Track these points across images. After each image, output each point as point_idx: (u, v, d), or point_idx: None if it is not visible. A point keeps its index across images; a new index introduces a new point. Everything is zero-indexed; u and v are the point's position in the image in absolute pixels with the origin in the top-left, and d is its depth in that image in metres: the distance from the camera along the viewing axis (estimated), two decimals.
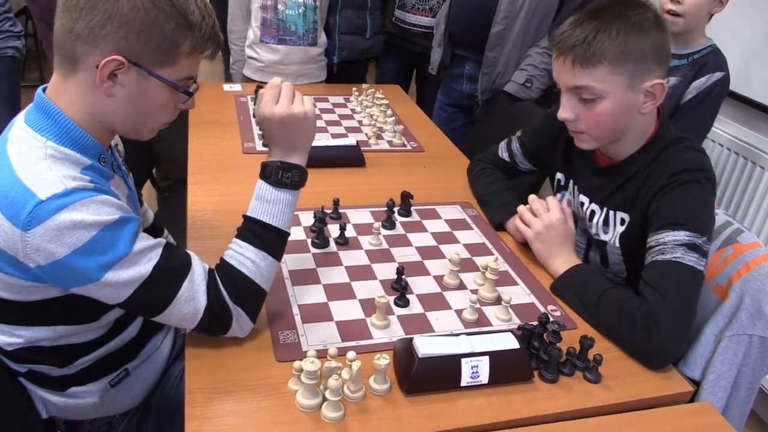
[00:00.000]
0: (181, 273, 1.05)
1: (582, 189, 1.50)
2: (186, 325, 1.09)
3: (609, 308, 1.24)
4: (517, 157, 1.72)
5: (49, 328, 1.09)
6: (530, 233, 1.45)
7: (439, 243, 1.54)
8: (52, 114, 1.03)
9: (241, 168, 1.83)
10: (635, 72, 1.25)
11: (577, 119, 1.33)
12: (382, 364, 1.04)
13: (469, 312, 1.27)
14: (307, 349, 1.12)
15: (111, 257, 0.97)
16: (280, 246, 1.16)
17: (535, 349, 1.16)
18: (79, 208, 0.94)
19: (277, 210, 1.14)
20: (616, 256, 1.44)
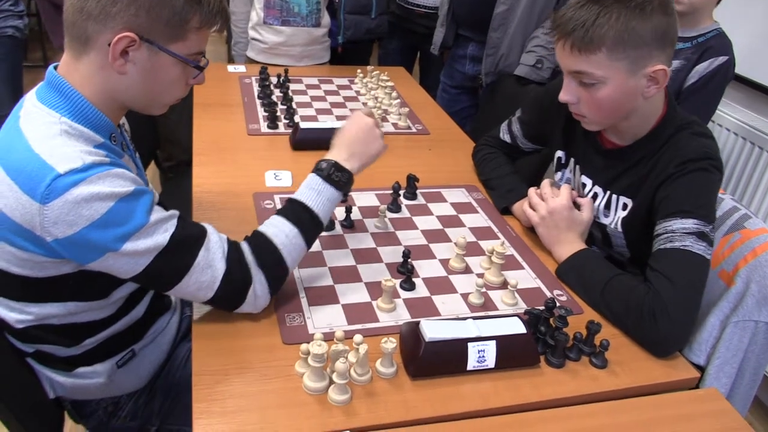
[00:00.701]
0: (197, 241, 1.06)
1: (585, 170, 1.48)
2: (203, 296, 1.08)
3: (615, 295, 1.24)
4: (518, 138, 1.71)
5: (60, 305, 1.09)
6: (535, 217, 1.45)
7: (444, 226, 1.53)
8: (65, 91, 1.03)
9: (246, 149, 1.82)
10: (635, 57, 1.23)
11: (578, 102, 1.32)
12: (389, 348, 1.04)
13: (475, 296, 1.27)
14: (314, 332, 1.12)
15: (128, 228, 0.98)
16: (313, 233, 1.19)
17: (542, 334, 1.16)
18: (95, 181, 0.95)
19: (320, 200, 1.20)
20: (618, 239, 1.43)
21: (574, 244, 1.39)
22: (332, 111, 2.15)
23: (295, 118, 2.03)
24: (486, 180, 1.72)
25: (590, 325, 1.15)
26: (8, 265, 1.03)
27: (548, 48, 2.33)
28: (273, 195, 1.58)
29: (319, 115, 2.10)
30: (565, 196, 1.42)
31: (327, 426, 0.97)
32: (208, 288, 1.07)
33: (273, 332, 1.13)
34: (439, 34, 2.60)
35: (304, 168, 1.73)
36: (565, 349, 1.15)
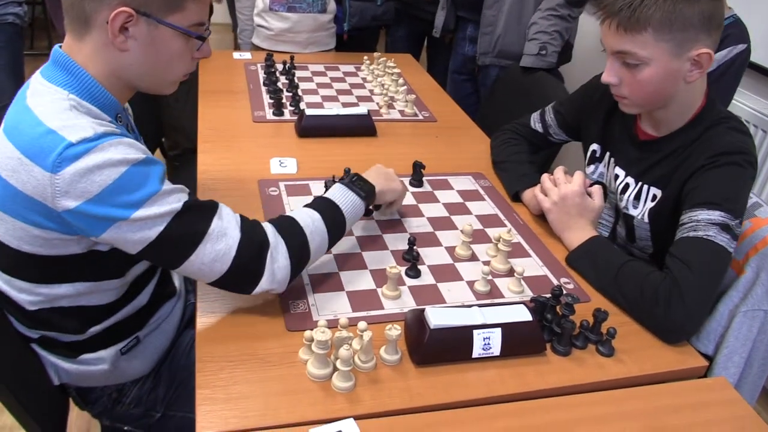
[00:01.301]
0: (210, 209, 1.05)
1: (619, 161, 1.48)
2: (219, 269, 1.04)
3: (629, 280, 1.23)
4: (551, 128, 1.70)
5: (70, 285, 1.09)
6: (546, 203, 1.44)
7: (451, 214, 1.53)
8: (71, 69, 1.03)
9: (252, 137, 1.82)
10: (681, 40, 1.22)
11: (620, 83, 1.31)
12: (394, 335, 1.04)
13: (481, 284, 1.26)
14: (318, 319, 1.12)
15: (141, 195, 0.96)
16: (336, 227, 1.20)
17: (548, 322, 1.15)
18: (107, 148, 0.95)
19: (344, 201, 1.23)
20: (643, 231, 1.43)
21: (585, 231, 1.38)
22: (338, 98, 2.14)
23: (301, 105, 2.02)
24: (500, 162, 1.72)
25: (597, 313, 1.15)
26: (20, 243, 1.02)
27: (549, 32, 2.31)
28: (278, 182, 1.57)
29: (324, 102, 2.10)
30: (577, 182, 1.41)
31: (330, 413, 0.97)
32: (225, 258, 1.03)
33: (277, 319, 1.13)
34: (440, 17, 2.60)
35: (309, 155, 1.74)
36: (572, 337, 1.14)
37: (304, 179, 1.61)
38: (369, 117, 1.90)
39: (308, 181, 1.59)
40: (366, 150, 1.82)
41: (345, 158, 1.72)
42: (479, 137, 1.99)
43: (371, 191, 1.28)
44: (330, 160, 1.72)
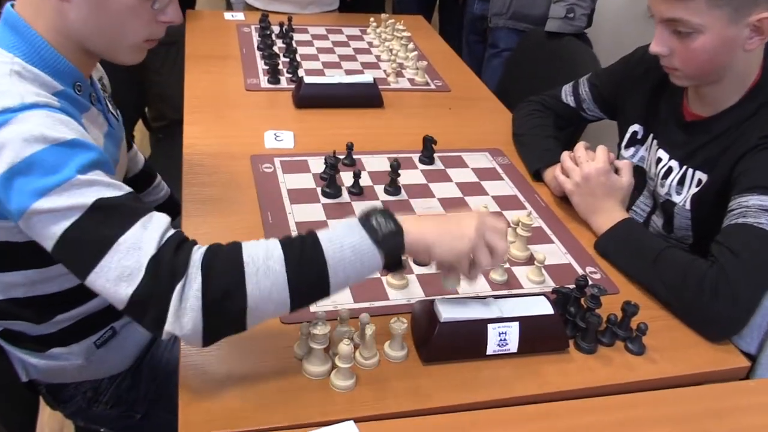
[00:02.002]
0: (134, 214, 0.91)
1: (662, 144, 1.47)
2: (123, 291, 0.88)
3: (669, 267, 1.23)
4: (585, 103, 1.69)
5: (19, 273, 1.08)
6: (569, 185, 1.43)
7: (465, 194, 1.52)
8: (21, 30, 1.01)
9: (244, 107, 1.81)
10: (738, 4, 1.20)
11: (670, 54, 1.30)
12: (399, 329, 1.04)
13: (497, 273, 1.26)
14: (316, 311, 1.11)
15: (50, 181, 0.88)
16: (305, 280, 0.93)
17: (571, 316, 1.15)
18: (27, 120, 0.90)
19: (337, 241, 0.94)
20: (683, 219, 1.42)
21: (614, 213, 1.37)
22: (341, 64, 2.13)
23: (299, 72, 2.01)
24: (521, 135, 1.71)
25: (626, 307, 1.14)
26: None
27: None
28: (273, 158, 1.57)
29: (326, 69, 2.09)
30: (601, 158, 1.40)
31: (328, 414, 0.96)
32: (132, 279, 0.88)
33: None
34: None
35: (308, 128, 1.73)
36: (598, 333, 1.14)
37: (302, 155, 1.60)
38: (375, 86, 1.89)
39: (306, 157, 1.58)
40: (371, 123, 1.81)
41: (348, 132, 1.71)
42: (498, 109, 1.98)
43: (393, 235, 0.96)
44: (331, 134, 1.71)
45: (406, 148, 1.67)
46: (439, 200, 1.49)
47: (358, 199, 1.46)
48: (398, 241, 0.96)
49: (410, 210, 1.44)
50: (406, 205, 1.46)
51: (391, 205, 1.44)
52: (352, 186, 1.48)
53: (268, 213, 1.37)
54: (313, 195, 1.46)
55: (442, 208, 1.46)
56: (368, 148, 1.66)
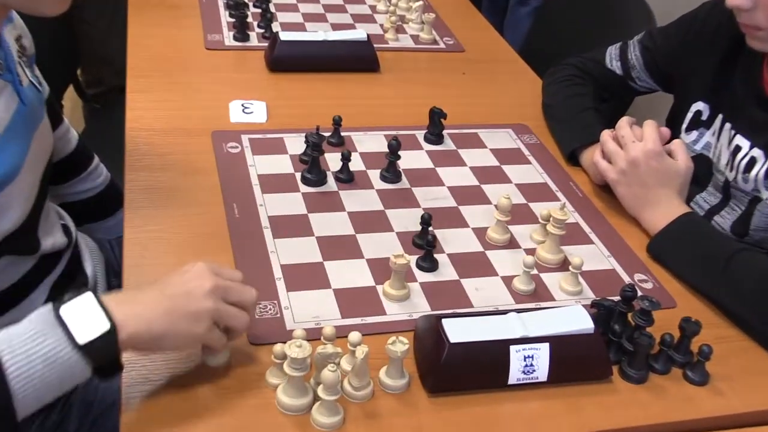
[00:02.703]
0: None
1: (740, 128, 1.46)
2: None
3: (746, 274, 1.23)
4: (634, 70, 1.69)
5: None
6: (611, 173, 1.43)
7: (481, 182, 1.52)
8: None
9: (203, 70, 1.81)
10: None
11: (753, 7, 1.29)
12: (398, 352, 1.04)
13: (522, 280, 1.26)
14: (294, 328, 1.11)
15: None
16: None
17: (616, 335, 1.15)
18: None
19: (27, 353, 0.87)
20: (764, 217, 1.41)
21: (672, 206, 1.38)
22: (326, 17, 2.13)
23: (274, 26, 2.01)
24: (553, 106, 1.71)
25: (685, 324, 1.14)
26: None
27: None
28: (240, 135, 1.57)
29: (307, 23, 2.08)
30: (651, 137, 1.40)
31: None
32: None
33: None
34: None
35: (284, 97, 1.74)
36: (649, 357, 1.14)
37: (277, 131, 1.60)
38: (369, 44, 1.89)
39: (282, 134, 1.58)
40: (364, 91, 1.81)
41: (335, 103, 1.71)
42: (524, 74, 1.98)
43: (105, 336, 0.90)
44: (314, 105, 1.71)
45: (407, 123, 1.67)
46: (449, 189, 1.49)
47: (348, 188, 1.46)
48: (110, 343, 0.90)
49: (413, 202, 1.44)
50: (407, 195, 1.46)
51: (389, 195, 1.44)
52: (340, 171, 1.48)
53: (233, 205, 1.37)
54: (291, 182, 1.46)
55: (452, 198, 1.47)
56: (360, 123, 1.66)
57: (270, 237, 1.31)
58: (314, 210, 1.39)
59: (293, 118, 1.64)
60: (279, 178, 1.46)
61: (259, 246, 1.29)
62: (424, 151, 1.60)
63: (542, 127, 1.72)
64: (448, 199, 1.47)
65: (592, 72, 1.73)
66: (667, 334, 1.14)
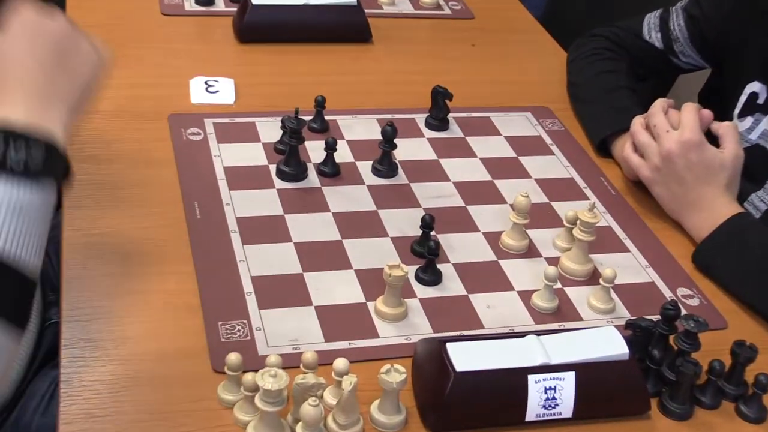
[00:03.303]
0: None
1: None
2: None
3: None
4: (677, 43, 1.69)
5: None
6: (645, 169, 1.43)
7: (494, 176, 1.53)
8: None
9: (158, 39, 1.81)
10: None
11: None
12: (394, 382, 1.04)
13: (543, 296, 1.26)
14: (267, 354, 1.11)
15: None
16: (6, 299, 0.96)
17: (655, 362, 1.15)
18: None
19: None
20: None
21: (718, 206, 1.38)
22: None
23: None
24: (580, 86, 1.72)
25: (738, 349, 1.14)
26: None
27: None
28: (203, 119, 1.57)
29: None
30: (688, 125, 1.39)
31: None
32: None
33: (197, 353, 1.13)
34: None
35: (256, 73, 1.74)
36: (695, 389, 1.14)
37: (247, 114, 1.60)
38: (360, 9, 1.90)
39: (254, 118, 1.59)
40: (353, 65, 1.82)
41: (317, 80, 1.71)
42: (545, 47, 1.99)
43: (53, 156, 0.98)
44: (291, 83, 1.72)
45: (405, 105, 1.68)
46: (456, 185, 1.50)
47: (333, 183, 1.46)
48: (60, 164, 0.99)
49: (412, 200, 1.45)
50: (404, 193, 1.46)
51: (382, 193, 1.45)
52: (324, 163, 1.48)
53: (194, 204, 1.37)
54: (265, 176, 1.46)
55: (459, 196, 1.47)
56: (348, 104, 1.67)
57: (238, 243, 1.31)
58: (292, 210, 1.39)
59: (267, 98, 1.65)
60: (250, 172, 1.46)
61: (226, 254, 1.29)
62: (425, 139, 1.60)
63: (567, 110, 1.73)
64: (455, 198, 1.47)
65: (626, 45, 1.74)
66: (717, 361, 1.14)
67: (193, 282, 1.21)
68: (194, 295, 1.21)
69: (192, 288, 1.21)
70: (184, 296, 1.18)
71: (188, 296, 1.19)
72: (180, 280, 1.22)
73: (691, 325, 1.14)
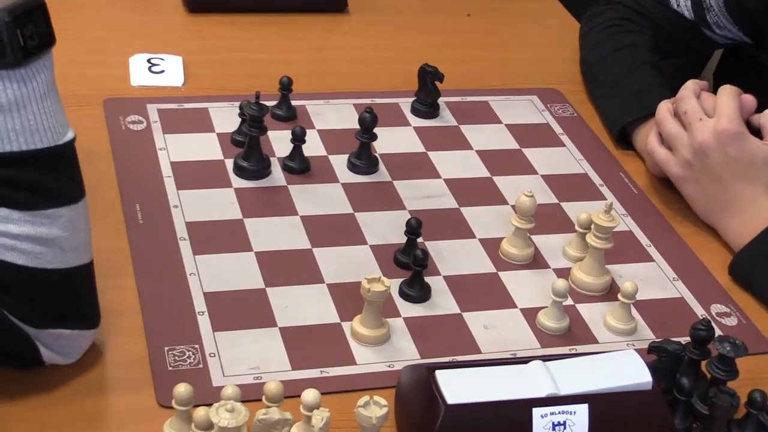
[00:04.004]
0: None
1: None
2: None
3: None
4: (710, 12, 1.69)
5: None
6: (673, 166, 1.44)
7: (493, 172, 1.54)
8: None
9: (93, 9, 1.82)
10: None
11: None
12: (373, 417, 1.04)
13: (550, 314, 1.27)
14: (223, 384, 1.12)
15: None
16: (59, 174, 1.09)
17: (684, 393, 1.15)
18: None
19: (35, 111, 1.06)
20: None
21: (761, 208, 1.38)
22: None
23: None
24: (594, 64, 1.73)
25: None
26: None
27: None
28: (145, 104, 1.58)
29: None
30: (726, 112, 1.39)
31: None
32: None
33: (139, 384, 1.13)
34: None
35: (209, 49, 1.75)
36: (732, 424, 1.15)
37: (199, 99, 1.61)
38: None
39: (207, 104, 1.60)
40: (325, 41, 1.84)
41: (282, 58, 1.73)
42: (556, 17, 2.01)
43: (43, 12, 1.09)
44: (251, 61, 1.72)
45: (387, 87, 1.69)
46: (447, 183, 1.51)
47: (302, 181, 1.47)
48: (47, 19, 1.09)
49: (395, 201, 1.45)
50: (387, 192, 1.47)
51: (360, 192, 1.45)
52: (290, 157, 1.49)
53: (136, 206, 1.37)
54: (220, 173, 1.46)
55: (451, 195, 1.48)
56: (319, 87, 1.68)
57: (189, 253, 1.32)
58: (253, 213, 1.40)
59: (222, 79, 1.66)
60: (202, 168, 1.47)
61: (173, 266, 1.29)
62: (411, 128, 1.61)
63: (581, 93, 1.74)
64: (446, 198, 1.48)
65: (650, 14, 1.75)
66: (757, 391, 1.14)
67: (134, 300, 1.21)
68: (136, 315, 1.21)
69: (133, 307, 1.21)
70: (123, 317, 1.18)
71: (128, 317, 1.19)
72: (118, 297, 1.21)
73: (726, 348, 1.14)
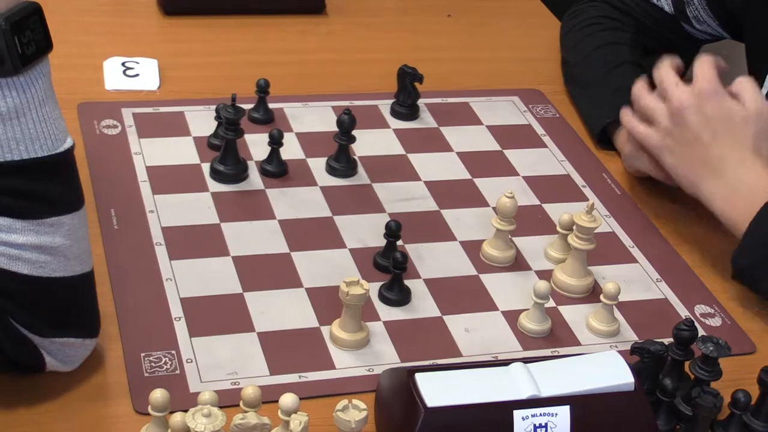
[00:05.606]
0: None
1: None
2: None
3: None
4: (690, 6, 1.69)
5: None
6: (652, 138, 1.43)
7: (474, 174, 1.54)
8: None
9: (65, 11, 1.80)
10: None
11: None
12: (352, 421, 1.04)
13: (532, 316, 1.27)
14: (199, 390, 1.11)
15: None
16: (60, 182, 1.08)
17: (667, 393, 1.15)
18: None
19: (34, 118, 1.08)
20: None
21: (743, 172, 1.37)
22: None
23: None
24: (575, 65, 1.74)
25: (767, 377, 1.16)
26: None
27: None
28: (120, 108, 1.58)
29: None
30: (704, 75, 1.39)
31: None
32: None
33: (115, 391, 1.13)
34: None
35: (185, 52, 1.74)
36: (715, 425, 1.15)
37: (175, 103, 1.61)
38: None
39: (182, 107, 1.60)
40: (302, 41, 1.84)
41: (259, 60, 1.73)
42: (537, 16, 2.01)
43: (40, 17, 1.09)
44: (227, 64, 1.72)
45: (366, 89, 1.70)
46: (427, 185, 1.51)
47: (279, 185, 1.47)
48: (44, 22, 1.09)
49: (374, 204, 1.46)
50: (366, 195, 1.47)
51: (339, 195, 1.46)
52: (268, 160, 1.49)
53: (111, 211, 1.37)
54: (196, 178, 1.47)
55: (431, 197, 1.48)
56: (297, 89, 1.68)
57: (165, 258, 1.32)
58: (230, 218, 1.40)
59: (198, 82, 1.66)
60: (178, 172, 1.47)
61: (149, 272, 1.29)
62: (390, 130, 1.62)
63: (563, 93, 1.75)
64: (426, 200, 1.48)
65: (631, 11, 1.75)
66: (741, 392, 1.14)
67: (110, 305, 1.21)
68: (111, 321, 1.21)
69: (109, 312, 1.20)
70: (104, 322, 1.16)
71: (104, 323, 1.17)
72: None
73: (710, 348, 1.14)
